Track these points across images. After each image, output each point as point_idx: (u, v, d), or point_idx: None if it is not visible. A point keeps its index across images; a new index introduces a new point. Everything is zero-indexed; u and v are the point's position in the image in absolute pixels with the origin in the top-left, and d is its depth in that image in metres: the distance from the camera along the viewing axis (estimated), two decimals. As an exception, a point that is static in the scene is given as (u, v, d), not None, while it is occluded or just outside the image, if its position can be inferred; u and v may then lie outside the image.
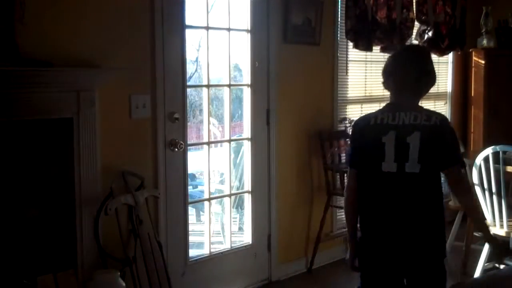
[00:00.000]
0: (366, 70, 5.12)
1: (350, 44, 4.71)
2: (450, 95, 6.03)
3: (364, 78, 5.12)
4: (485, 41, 5.74)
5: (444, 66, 5.96)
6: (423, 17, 5.25)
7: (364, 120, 2.61)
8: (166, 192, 3.66)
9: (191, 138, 4.10)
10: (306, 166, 4.58)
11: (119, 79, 3.29)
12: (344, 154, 4.63)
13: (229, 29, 4.04)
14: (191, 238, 4.08)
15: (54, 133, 3.13)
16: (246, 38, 4.13)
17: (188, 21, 3.73)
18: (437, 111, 2.84)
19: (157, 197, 3.55)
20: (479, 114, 5.82)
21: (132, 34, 3.42)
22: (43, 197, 3.14)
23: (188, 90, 3.88)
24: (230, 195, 4.23)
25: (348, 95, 4.95)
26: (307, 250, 4.61)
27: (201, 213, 5.43)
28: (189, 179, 3.98)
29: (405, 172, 2.42)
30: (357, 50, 4.76)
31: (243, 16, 4.12)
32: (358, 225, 2.60)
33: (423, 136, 2.42)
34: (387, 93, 5.65)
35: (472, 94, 5.89)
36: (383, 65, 2.72)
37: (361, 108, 5.09)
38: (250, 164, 4.21)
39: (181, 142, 3.70)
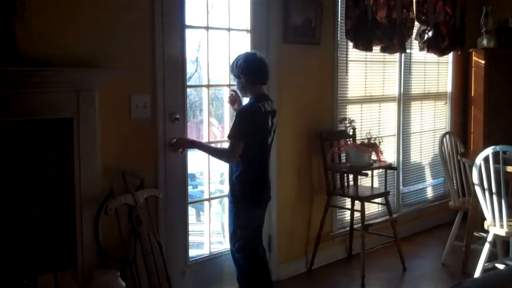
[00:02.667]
0: (366, 70, 5.12)
1: (350, 44, 4.71)
2: (450, 95, 6.03)
3: (364, 78, 5.12)
4: (485, 41, 5.73)
5: (444, 66, 5.96)
6: (423, 17, 5.25)
7: (259, 108, 3.47)
8: (166, 192, 3.66)
9: (191, 138, 4.09)
10: (306, 166, 4.58)
11: (119, 79, 3.30)
12: (344, 154, 4.63)
13: (229, 29, 4.04)
14: (191, 238, 4.08)
15: (54, 133, 3.13)
16: (246, 38, 4.14)
17: (188, 21, 3.73)
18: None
19: (157, 197, 3.55)
20: (479, 114, 5.81)
21: (132, 34, 3.42)
22: (43, 197, 3.14)
23: (188, 90, 3.89)
24: (230, 195, 4.22)
25: (348, 95, 4.94)
26: (307, 250, 4.62)
27: (201, 213, 5.44)
28: (189, 179, 3.98)
29: (270, 143, 3.61)
30: (357, 50, 4.76)
31: (243, 16, 4.12)
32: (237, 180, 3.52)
33: (276, 119, 3.62)
34: (387, 92, 5.70)
35: (472, 94, 5.88)
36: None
37: (361, 108, 5.09)
38: (250, 164, 4.21)
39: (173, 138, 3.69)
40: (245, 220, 3.53)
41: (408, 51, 5.27)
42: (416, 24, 5.25)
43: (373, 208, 5.09)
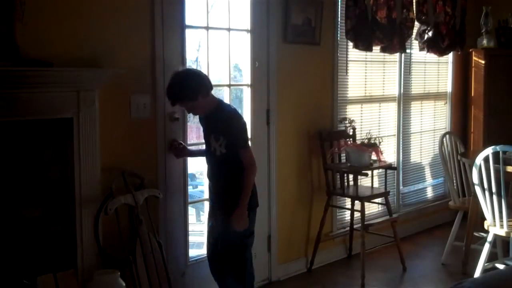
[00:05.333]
0: (366, 70, 5.12)
1: (350, 44, 4.71)
2: (450, 95, 6.03)
3: (364, 78, 5.12)
4: (485, 41, 5.74)
5: (444, 66, 5.96)
6: (423, 17, 5.25)
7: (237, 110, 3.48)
8: (166, 192, 3.66)
9: (191, 138, 4.09)
10: (306, 166, 4.58)
11: (119, 79, 3.30)
12: (344, 154, 4.63)
13: (229, 29, 4.04)
14: (191, 238, 4.08)
15: (54, 133, 3.13)
16: (246, 38, 4.14)
17: (188, 21, 3.73)
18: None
19: (157, 197, 3.55)
20: (479, 114, 5.82)
21: (132, 34, 3.42)
22: (43, 197, 3.14)
23: (188, 90, 3.88)
24: (230, 195, 4.22)
25: (348, 95, 4.95)
26: (307, 250, 4.62)
27: (201, 213, 5.44)
28: (189, 179, 3.98)
29: None
30: (357, 50, 4.76)
31: (243, 16, 4.12)
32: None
33: None
34: (387, 92, 5.71)
35: (472, 94, 5.89)
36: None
37: (361, 108, 5.09)
38: (250, 164, 4.21)
39: (181, 142, 3.70)
40: (251, 225, 3.44)
41: (408, 51, 5.28)
42: (416, 24, 5.25)
43: (373, 208, 5.09)
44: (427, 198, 5.91)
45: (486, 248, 4.11)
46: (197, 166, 5.46)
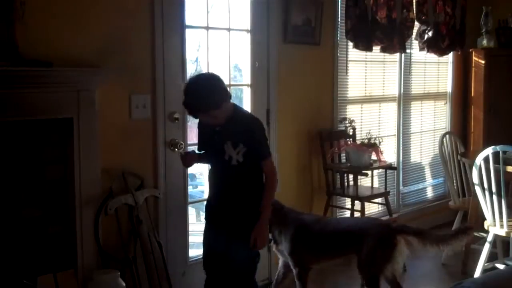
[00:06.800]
0: (366, 70, 5.12)
1: (350, 44, 4.71)
2: (450, 95, 6.03)
3: (364, 78, 5.12)
4: (485, 41, 5.74)
5: (444, 66, 5.96)
6: (423, 17, 5.25)
7: None
8: (166, 192, 3.66)
9: (191, 138, 4.08)
10: (306, 166, 4.58)
11: (119, 79, 3.30)
12: (344, 154, 4.63)
13: (229, 29, 4.04)
14: (191, 238, 4.07)
15: (54, 133, 3.13)
16: (246, 38, 4.14)
17: (188, 21, 3.73)
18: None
19: (157, 197, 3.55)
20: (479, 114, 5.82)
21: (132, 34, 3.42)
22: (43, 197, 3.14)
23: (188, 90, 3.87)
24: (230, 195, 4.22)
25: (348, 95, 4.95)
26: (307, 250, 4.61)
27: (201, 213, 5.43)
28: (189, 179, 3.98)
29: None
30: (357, 50, 4.76)
31: (243, 16, 4.12)
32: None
33: None
34: (387, 92, 5.70)
35: (472, 94, 5.89)
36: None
37: (361, 108, 5.09)
38: (250, 164, 4.20)
39: (181, 142, 3.70)
40: None
41: (408, 51, 5.28)
42: (416, 24, 5.25)
43: (373, 208, 5.09)
44: (427, 198, 5.91)
45: (486, 248, 4.11)
46: (197, 166, 5.45)
